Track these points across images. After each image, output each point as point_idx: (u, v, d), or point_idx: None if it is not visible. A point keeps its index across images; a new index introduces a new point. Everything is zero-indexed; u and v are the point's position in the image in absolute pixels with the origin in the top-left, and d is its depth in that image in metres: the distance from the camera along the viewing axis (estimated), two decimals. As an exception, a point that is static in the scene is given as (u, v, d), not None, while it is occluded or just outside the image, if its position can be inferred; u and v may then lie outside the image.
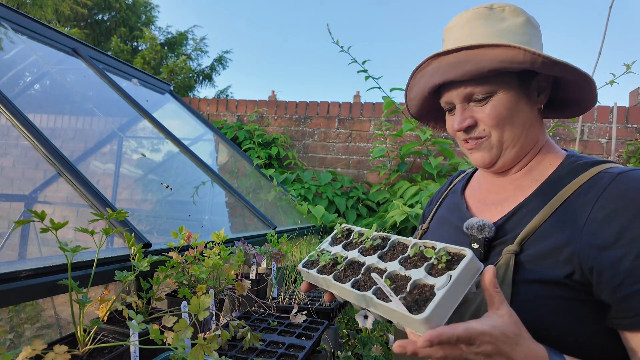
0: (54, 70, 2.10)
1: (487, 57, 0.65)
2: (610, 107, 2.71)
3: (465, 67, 0.66)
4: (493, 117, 0.69)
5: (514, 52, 0.63)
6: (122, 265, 1.08)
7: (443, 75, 0.69)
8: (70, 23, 5.59)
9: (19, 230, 1.48)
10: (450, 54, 0.69)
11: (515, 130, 0.70)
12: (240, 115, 3.58)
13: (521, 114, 0.70)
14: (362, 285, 0.64)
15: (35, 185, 1.60)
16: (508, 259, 0.64)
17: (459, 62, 0.67)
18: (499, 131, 0.70)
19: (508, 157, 0.72)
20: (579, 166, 0.68)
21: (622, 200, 0.59)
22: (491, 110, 0.68)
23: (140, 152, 2.27)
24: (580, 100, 0.74)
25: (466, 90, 0.69)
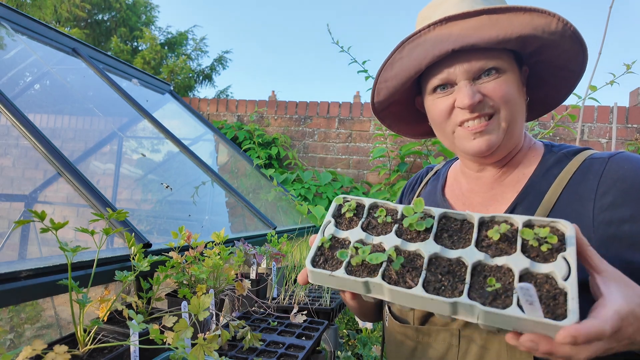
0: (54, 70, 2.10)
1: (516, 22, 0.58)
2: (610, 107, 2.71)
3: (491, 32, 0.59)
4: (505, 92, 0.62)
5: (548, 20, 0.58)
6: (122, 265, 1.08)
7: (462, 40, 0.60)
8: (70, 23, 5.59)
9: (19, 230, 1.48)
10: (468, 18, 0.60)
11: (518, 112, 0.65)
12: (240, 115, 3.58)
13: (521, 99, 0.66)
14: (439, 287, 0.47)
15: (35, 185, 1.60)
16: None
17: (481, 26, 0.59)
18: (508, 108, 0.63)
19: (506, 145, 0.67)
20: (562, 156, 0.66)
21: (624, 183, 0.57)
22: (502, 85, 0.62)
23: (140, 152, 2.27)
24: (545, 98, 0.72)
25: (478, 64, 0.61)
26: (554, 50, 0.62)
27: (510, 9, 0.59)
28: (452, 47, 0.61)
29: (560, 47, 0.61)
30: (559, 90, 0.70)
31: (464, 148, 0.67)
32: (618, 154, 0.61)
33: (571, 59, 0.64)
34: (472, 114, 0.64)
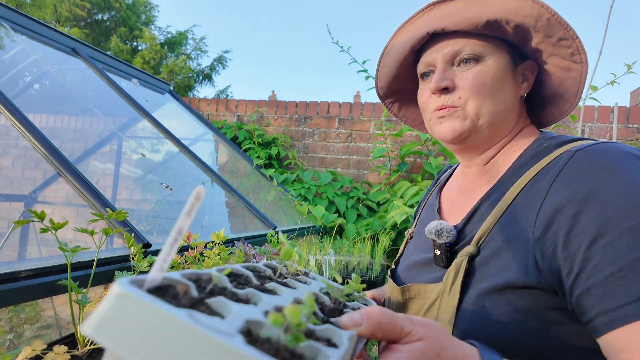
0: (54, 70, 2.10)
1: (490, 5, 0.58)
2: (610, 107, 2.71)
3: (464, 15, 0.59)
4: (476, 83, 0.60)
5: (521, 3, 0.56)
6: (121, 265, 1.07)
7: (436, 23, 0.61)
8: (70, 23, 5.58)
9: (19, 230, 1.48)
10: (448, 2, 0.62)
11: (496, 106, 0.61)
12: (240, 115, 3.58)
13: (505, 91, 0.61)
14: None
15: (34, 185, 1.60)
16: (459, 263, 0.56)
17: (457, 10, 0.60)
18: (477, 101, 0.60)
19: (481, 135, 0.62)
20: (542, 149, 0.58)
21: (576, 181, 0.49)
22: (476, 75, 0.60)
23: (140, 152, 2.27)
24: (559, 97, 0.65)
25: (455, 47, 0.61)
26: (544, 42, 0.60)
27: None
28: (427, 31, 0.61)
29: (547, 36, 0.59)
30: (567, 88, 0.64)
31: (434, 134, 0.66)
32: (590, 146, 0.52)
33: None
34: (440, 101, 0.63)
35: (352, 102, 3.36)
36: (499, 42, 0.61)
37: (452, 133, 0.63)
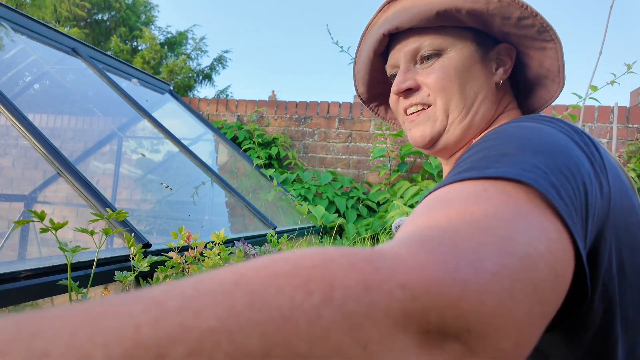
0: (54, 70, 2.10)
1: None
2: (610, 107, 2.71)
3: (414, 10, 0.56)
4: (440, 78, 0.56)
5: None
6: (121, 265, 1.07)
7: (388, 25, 0.58)
8: (70, 23, 5.58)
9: (19, 230, 1.48)
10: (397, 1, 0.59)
11: (465, 100, 0.57)
12: (240, 115, 3.58)
13: (474, 81, 0.57)
14: None
15: (35, 185, 1.60)
16: None
17: (407, 7, 0.58)
18: (445, 97, 0.57)
19: (453, 135, 0.59)
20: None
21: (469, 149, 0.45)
22: (439, 70, 0.56)
23: (140, 152, 2.27)
24: (544, 78, 0.61)
25: (413, 44, 0.58)
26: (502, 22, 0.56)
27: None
28: (382, 32, 0.59)
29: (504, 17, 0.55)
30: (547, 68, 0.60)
31: (410, 141, 0.64)
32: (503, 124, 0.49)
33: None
34: (409, 102, 0.60)
35: (352, 102, 3.36)
36: (461, 31, 0.58)
37: (422, 139, 0.60)
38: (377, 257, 0.25)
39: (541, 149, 0.39)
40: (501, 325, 0.26)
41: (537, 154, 0.38)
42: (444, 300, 0.24)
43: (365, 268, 0.23)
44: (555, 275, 0.31)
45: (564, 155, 0.39)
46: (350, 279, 0.22)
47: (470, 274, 0.26)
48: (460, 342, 0.25)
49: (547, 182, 0.35)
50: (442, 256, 0.27)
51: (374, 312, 0.21)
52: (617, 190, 0.44)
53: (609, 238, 0.42)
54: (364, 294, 0.22)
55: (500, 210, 0.32)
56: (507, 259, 0.29)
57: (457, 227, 0.31)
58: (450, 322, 0.25)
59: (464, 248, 0.28)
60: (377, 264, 0.24)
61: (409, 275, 0.24)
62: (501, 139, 0.43)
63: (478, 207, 0.33)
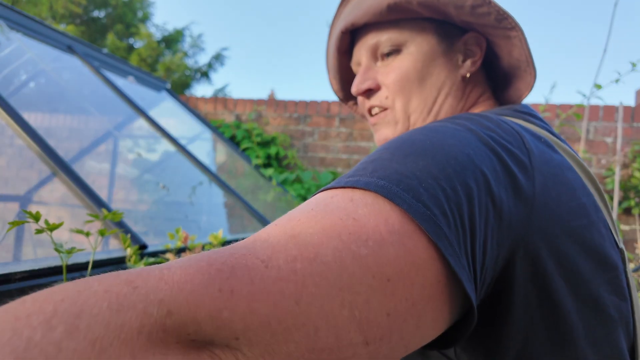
0: (49, 68, 2.07)
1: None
2: (615, 107, 2.71)
3: (365, 6, 0.53)
4: (397, 78, 0.53)
5: None
6: (117, 267, 1.06)
7: (344, 22, 0.56)
8: (65, 20, 5.54)
9: (14, 231, 1.46)
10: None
11: (426, 98, 0.54)
12: (239, 114, 3.56)
13: (435, 76, 0.54)
14: None
15: (29, 186, 1.57)
16: None
17: (360, 1, 0.55)
18: (403, 98, 0.54)
19: None
20: None
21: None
22: (397, 68, 0.54)
23: (136, 152, 2.24)
24: (517, 69, 0.57)
25: (371, 40, 0.55)
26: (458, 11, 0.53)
27: None
28: (341, 30, 0.56)
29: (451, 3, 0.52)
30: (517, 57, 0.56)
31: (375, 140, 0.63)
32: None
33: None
34: (370, 104, 0.57)
35: (351, 101, 3.35)
36: (422, 22, 0.54)
37: (385, 142, 0.59)
38: (140, 277, 0.25)
39: (415, 152, 0.37)
40: (281, 330, 0.26)
41: (407, 157, 0.36)
42: (202, 311, 0.24)
43: (122, 290, 0.24)
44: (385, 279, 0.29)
45: (444, 156, 0.36)
46: (101, 305, 0.23)
47: (244, 282, 0.26)
48: (230, 349, 0.25)
49: (401, 187, 0.33)
50: (218, 266, 0.26)
51: (123, 332, 0.22)
52: (552, 190, 0.40)
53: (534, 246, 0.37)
54: (115, 317, 0.23)
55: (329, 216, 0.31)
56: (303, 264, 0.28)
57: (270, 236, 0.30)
58: (212, 331, 0.25)
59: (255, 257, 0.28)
60: (137, 284, 0.24)
61: (169, 290, 0.25)
62: (388, 143, 0.41)
63: (309, 214, 0.32)
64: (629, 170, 2.51)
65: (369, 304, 0.28)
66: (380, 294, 0.29)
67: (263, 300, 0.26)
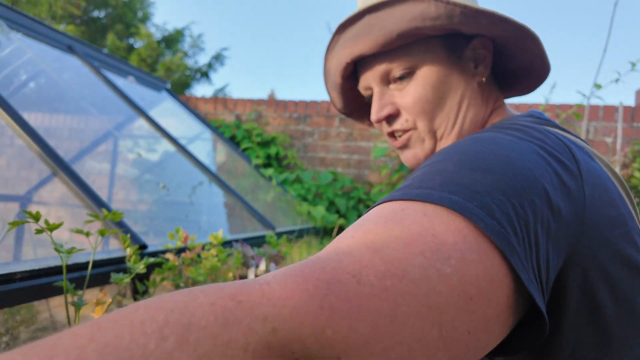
0: (49, 68, 2.07)
1: (394, 17, 0.51)
2: (615, 107, 2.71)
3: (371, 36, 0.52)
4: (417, 101, 0.54)
5: (423, 6, 0.49)
6: (118, 267, 1.06)
7: (349, 52, 0.55)
8: (65, 20, 5.54)
9: (14, 231, 1.46)
10: (355, 23, 0.54)
11: (449, 114, 0.55)
12: (239, 114, 3.56)
13: (454, 91, 0.54)
14: None
15: (30, 186, 1.57)
16: None
17: (364, 31, 0.53)
18: (426, 120, 0.55)
19: (445, 145, 0.57)
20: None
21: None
22: (414, 92, 0.54)
23: (136, 152, 2.24)
24: (530, 68, 0.58)
25: (381, 68, 0.55)
26: (471, 27, 0.52)
27: (385, 4, 0.50)
28: (346, 61, 0.56)
29: (472, 25, 0.51)
30: (531, 58, 0.56)
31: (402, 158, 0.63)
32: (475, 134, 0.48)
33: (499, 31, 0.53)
34: (392, 128, 0.58)
35: (351, 101, 3.35)
36: (429, 40, 0.54)
37: (415, 161, 0.59)
38: (243, 291, 0.25)
39: (481, 166, 0.37)
40: (379, 350, 0.25)
41: (475, 171, 0.37)
42: (307, 330, 0.24)
43: (227, 304, 0.24)
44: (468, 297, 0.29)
45: (510, 171, 0.37)
46: (208, 318, 0.23)
47: (342, 299, 0.26)
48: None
49: (475, 204, 0.33)
50: (314, 282, 0.26)
51: (230, 349, 0.22)
52: (598, 200, 0.41)
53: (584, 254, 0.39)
54: (222, 332, 0.23)
55: (407, 231, 0.31)
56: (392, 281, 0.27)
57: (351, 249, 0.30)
58: (315, 351, 0.24)
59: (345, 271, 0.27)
60: (240, 298, 0.24)
61: (271, 307, 0.24)
62: (448, 154, 0.42)
63: (386, 227, 0.32)
64: (629, 170, 2.51)
65: (454, 322, 0.29)
66: (463, 313, 0.29)
67: (362, 319, 0.25)
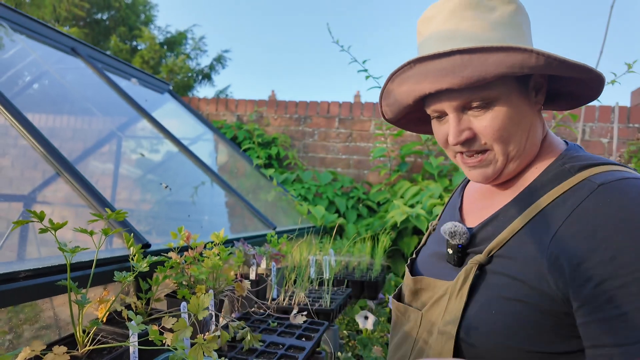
0: (53, 70, 2.10)
1: (491, 62, 0.55)
2: (611, 107, 2.71)
3: (464, 74, 0.56)
4: (496, 130, 0.60)
5: (525, 56, 0.54)
6: (121, 265, 1.07)
7: (435, 84, 0.59)
8: (69, 22, 5.58)
9: (18, 230, 1.47)
10: (439, 59, 0.57)
11: (520, 139, 0.62)
12: (240, 115, 3.58)
13: (524, 120, 0.61)
14: None
15: (34, 186, 1.59)
16: (469, 270, 0.60)
17: (454, 68, 0.57)
18: (502, 144, 0.61)
19: (511, 169, 0.64)
20: (564, 171, 0.60)
21: (595, 217, 0.51)
22: (493, 121, 0.60)
23: (139, 152, 2.26)
24: (579, 94, 0.65)
25: (462, 99, 0.60)
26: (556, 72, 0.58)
27: (483, 49, 0.55)
28: (428, 91, 0.60)
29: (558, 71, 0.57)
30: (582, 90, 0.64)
31: (466, 174, 0.68)
32: (613, 182, 0.53)
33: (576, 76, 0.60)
34: (464, 148, 0.64)
35: (353, 101, 3.36)
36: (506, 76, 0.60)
37: (484, 179, 0.65)
38: None
39: None
40: None
41: None
42: None
43: None
44: None
45: None
46: None
47: None
48: None
49: None
50: None
51: None
52: None
53: None
54: None
55: None
56: None
57: None
58: None
59: None
60: None
61: None
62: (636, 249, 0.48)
63: None
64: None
65: None
66: None
67: None
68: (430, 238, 0.81)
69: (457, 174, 2.71)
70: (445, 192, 2.66)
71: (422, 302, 0.69)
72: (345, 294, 1.53)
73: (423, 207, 2.43)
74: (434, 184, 2.68)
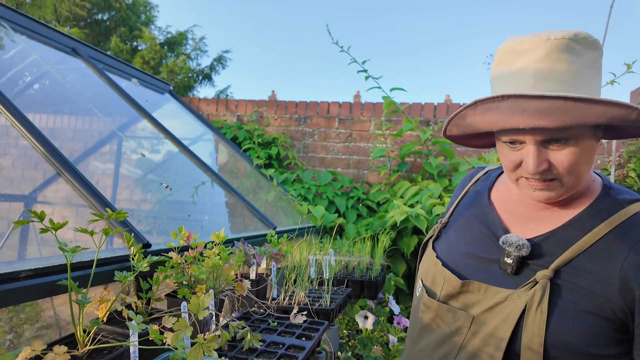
0: (54, 70, 2.10)
1: (594, 112, 0.59)
2: None
3: (564, 118, 0.60)
4: (571, 164, 0.65)
5: (628, 112, 0.59)
6: (121, 265, 1.07)
7: (531, 121, 0.62)
8: (70, 23, 5.58)
9: (19, 230, 1.48)
10: (540, 99, 0.60)
11: (586, 172, 0.69)
12: (240, 115, 3.58)
13: (592, 155, 0.68)
14: None
15: (34, 186, 1.60)
16: (544, 284, 0.66)
17: (555, 111, 0.60)
18: (572, 176, 0.67)
19: (570, 193, 0.71)
20: (617, 203, 0.69)
21: None
22: (570, 156, 0.65)
23: (139, 152, 2.27)
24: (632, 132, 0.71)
25: (547, 136, 0.64)
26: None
27: (589, 100, 0.59)
28: (522, 127, 0.63)
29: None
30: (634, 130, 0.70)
31: (524, 193, 0.73)
32: None
33: None
34: (537, 176, 0.68)
35: (352, 102, 3.36)
36: None
37: (547, 200, 0.71)
38: None
39: None
40: None
41: None
42: None
43: None
44: None
45: None
46: None
47: None
48: None
49: None
50: None
51: None
52: None
53: None
54: None
55: None
56: None
57: None
58: None
59: None
60: None
61: None
62: None
63: None
64: (624, 171, 2.50)
65: None
66: None
67: None
68: (450, 233, 0.84)
69: (457, 174, 2.71)
70: (444, 192, 2.66)
71: (465, 303, 0.73)
72: (345, 293, 1.53)
73: (423, 207, 2.43)
74: (433, 184, 2.69)
